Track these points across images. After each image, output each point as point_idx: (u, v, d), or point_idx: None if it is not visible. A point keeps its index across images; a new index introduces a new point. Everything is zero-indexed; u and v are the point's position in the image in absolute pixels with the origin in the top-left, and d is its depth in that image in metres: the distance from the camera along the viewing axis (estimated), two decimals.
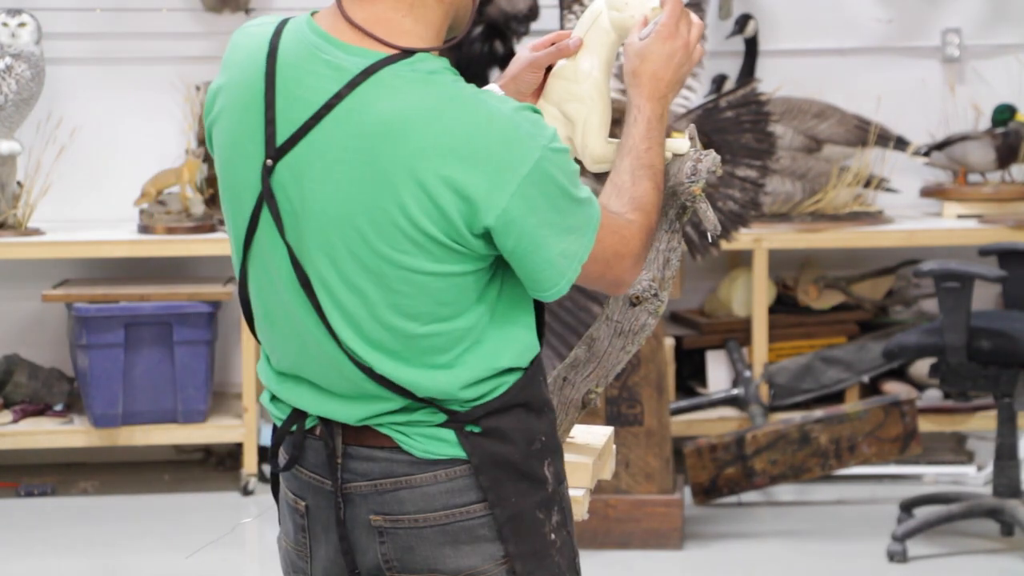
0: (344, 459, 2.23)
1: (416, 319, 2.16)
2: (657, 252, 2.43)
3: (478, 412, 2.19)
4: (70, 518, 5.22)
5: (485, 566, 2.21)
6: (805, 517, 5.16)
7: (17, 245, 5.36)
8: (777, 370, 5.57)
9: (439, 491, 2.20)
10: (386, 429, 2.21)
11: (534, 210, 2.12)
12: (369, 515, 2.22)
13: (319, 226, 2.16)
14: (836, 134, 5.71)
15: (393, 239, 2.12)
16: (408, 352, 2.18)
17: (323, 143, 2.15)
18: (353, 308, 2.17)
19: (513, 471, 2.20)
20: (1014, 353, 4.64)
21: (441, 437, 2.20)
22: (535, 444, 2.22)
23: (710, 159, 2.38)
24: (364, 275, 2.15)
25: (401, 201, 2.11)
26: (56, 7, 5.70)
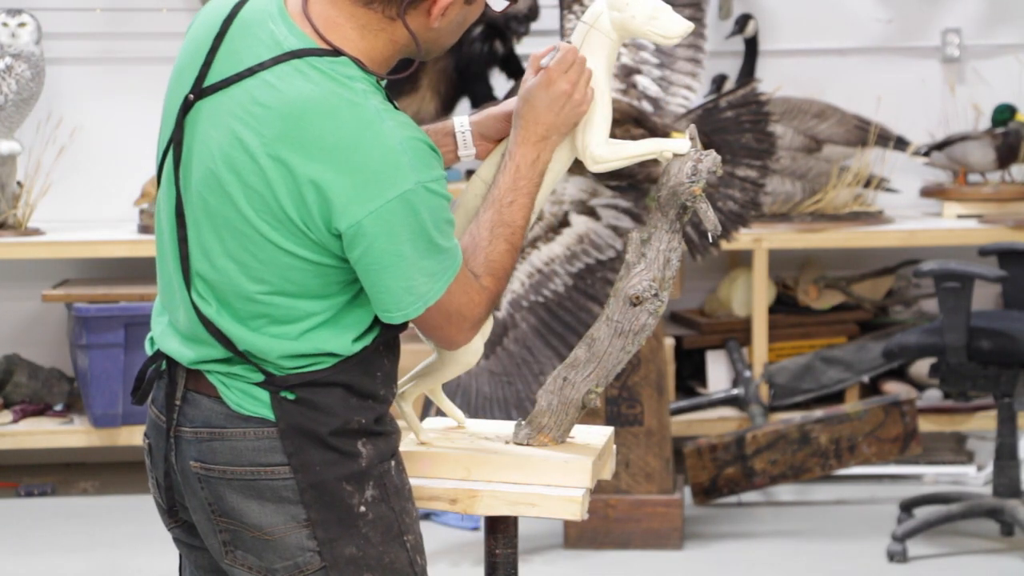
0: (182, 403, 2.34)
1: (260, 283, 2.27)
2: (657, 252, 2.43)
3: (293, 379, 2.28)
4: (70, 518, 5.22)
5: (287, 526, 2.29)
6: (805, 517, 5.16)
7: (17, 245, 5.36)
8: (777, 370, 5.57)
9: (246, 447, 2.29)
10: (212, 378, 2.32)
11: (389, 235, 2.20)
12: (190, 460, 2.33)
13: (202, 170, 2.28)
14: (836, 134, 5.71)
15: (258, 207, 2.23)
16: (244, 310, 2.28)
17: (233, 100, 2.27)
18: (209, 253, 2.28)
19: (318, 442, 2.28)
20: (1014, 353, 4.64)
21: (256, 395, 2.30)
22: (351, 424, 2.30)
23: (710, 159, 2.39)
24: (228, 228, 2.26)
25: (270, 178, 2.22)
26: (56, 7, 5.70)
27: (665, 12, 2.40)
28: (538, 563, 4.72)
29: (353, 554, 2.30)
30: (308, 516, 2.29)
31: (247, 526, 2.31)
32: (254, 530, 2.31)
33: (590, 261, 4.24)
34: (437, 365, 2.50)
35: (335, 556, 2.30)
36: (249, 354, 2.29)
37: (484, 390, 4.12)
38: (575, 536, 4.83)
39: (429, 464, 2.48)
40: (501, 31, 5.60)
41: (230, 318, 2.29)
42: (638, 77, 4.46)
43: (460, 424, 2.62)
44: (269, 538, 2.30)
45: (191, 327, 2.32)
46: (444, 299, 2.26)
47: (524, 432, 2.51)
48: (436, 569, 4.67)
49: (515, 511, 2.42)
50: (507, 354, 4.17)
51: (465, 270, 2.29)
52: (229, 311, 2.29)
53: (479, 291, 2.31)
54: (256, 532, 2.31)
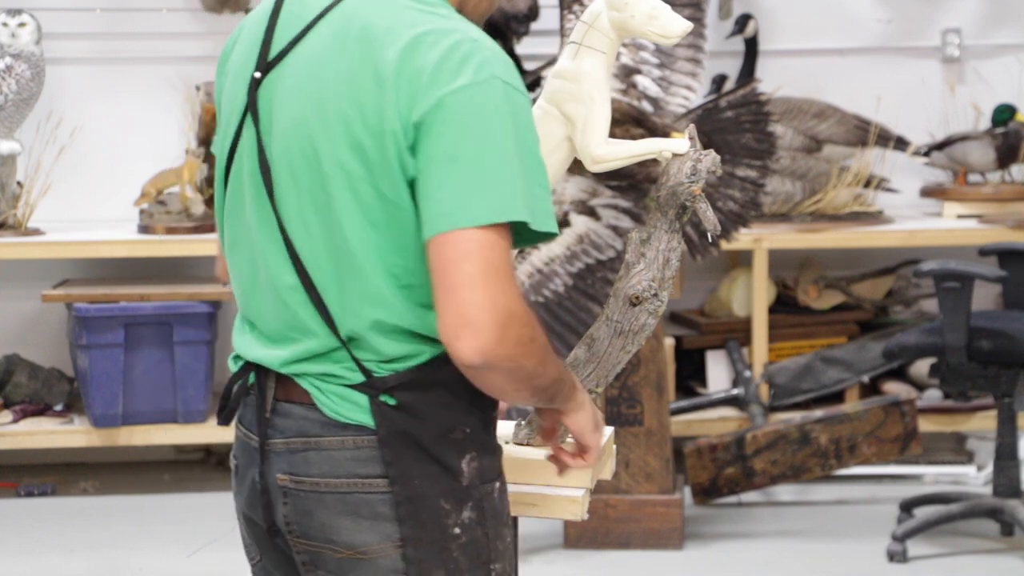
0: (272, 415, 2.18)
1: (348, 228, 2.09)
2: (657, 252, 2.43)
3: (394, 380, 2.12)
4: (70, 518, 5.22)
5: (380, 545, 2.15)
6: (805, 517, 5.16)
7: (17, 245, 5.36)
8: (777, 370, 5.57)
9: (345, 457, 2.14)
10: (305, 382, 2.15)
11: (463, 122, 2.05)
12: (277, 473, 2.18)
13: (283, 130, 2.14)
14: (836, 134, 5.71)
15: (339, 139, 2.09)
16: (340, 268, 2.11)
17: (306, 51, 2.14)
18: (308, 225, 2.12)
19: (421, 452, 2.13)
20: (1014, 353, 4.64)
21: (354, 400, 2.13)
22: (455, 433, 2.15)
23: (710, 159, 2.38)
24: (312, 177, 2.11)
25: (358, 100, 2.08)
26: (56, 7, 5.71)
27: (664, 12, 2.40)
28: (538, 563, 4.72)
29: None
30: (401, 533, 2.13)
31: (336, 545, 2.16)
32: (344, 549, 2.16)
33: (590, 261, 4.24)
34: None
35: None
36: (350, 341, 2.12)
37: None
38: (575, 536, 4.83)
39: None
40: (501, 31, 5.60)
41: (331, 295, 2.12)
42: (638, 77, 4.46)
43: None
44: (362, 557, 2.15)
45: (284, 320, 2.16)
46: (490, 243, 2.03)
47: (524, 432, 2.51)
48: None
49: (515, 511, 2.42)
50: None
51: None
52: (330, 287, 2.12)
53: (520, 307, 2.07)
54: (346, 551, 2.16)
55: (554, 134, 2.41)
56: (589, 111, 2.38)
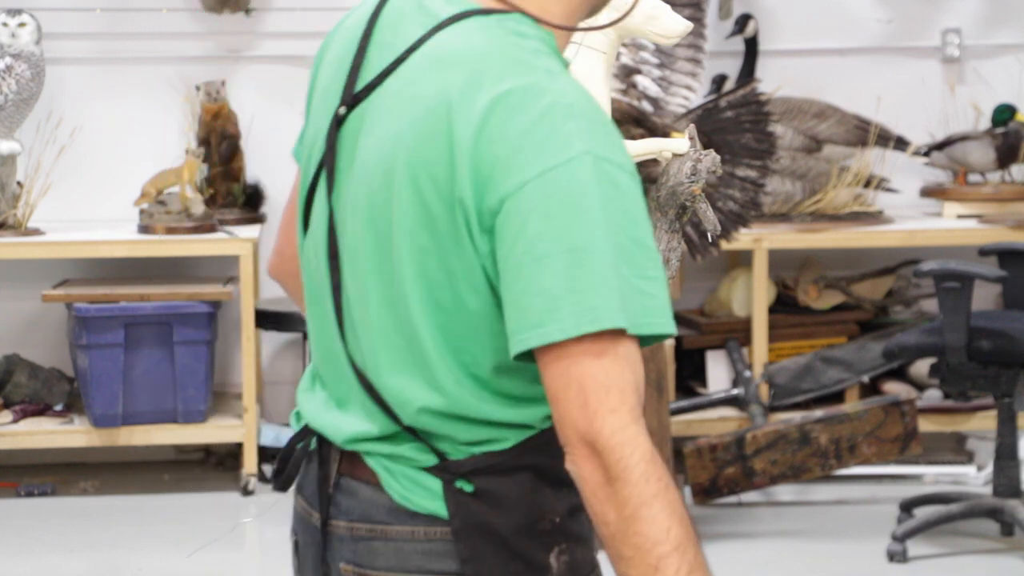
0: (335, 491, 1.92)
1: (414, 303, 1.82)
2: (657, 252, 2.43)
3: (472, 464, 1.85)
4: (70, 518, 5.22)
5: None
6: (805, 517, 5.15)
7: (17, 245, 5.36)
8: (777, 370, 5.57)
9: (415, 550, 1.87)
10: (373, 461, 1.89)
11: (546, 214, 1.72)
12: (340, 563, 1.92)
13: (357, 179, 1.86)
14: (836, 134, 5.71)
15: (408, 203, 1.80)
16: (400, 350, 1.84)
17: (392, 90, 1.85)
18: (366, 296, 1.85)
19: (502, 546, 1.85)
20: (1014, 353, 4.64)
21: (425, 485, 1.86)
22: (542, 523, 1.87)
23: (710, 159, 2.38)
24: (376, 237, 1.83)
25: (430, 162, 1.80)
26: (56, 7, 5.70)
27: (664, 12, 2.40)
28: None
29: None
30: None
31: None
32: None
33: None
34: None
35: None
36: (417, 431, 1.85)
37: None
38: None
39: None
40: None
41: (396, 371, 1.84)
42: (638, 77, 4.46)
43: None
44: None
45: (348, 394, 1.91)
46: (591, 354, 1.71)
47: None
48: None
49: None
50: None
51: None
52: (394, 371, 1.84)
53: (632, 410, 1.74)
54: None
55: None
56: None
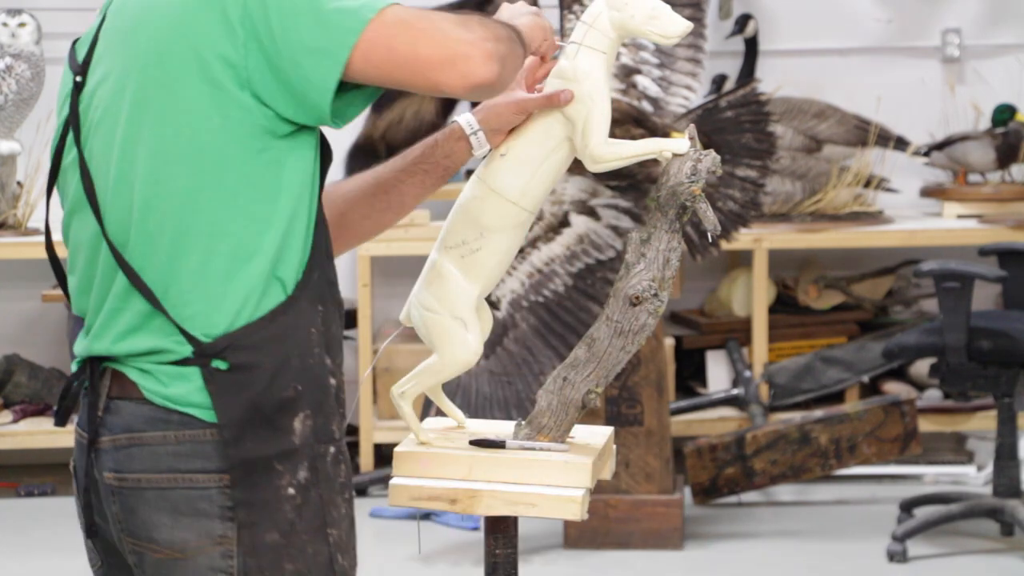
0: (104, 413, 2.19)
1: (167, 187, 2.09)
2: (657, 252, 2.43)
3: (223, 343, 2.10)
4: (70, 518, 5.21)
5: (198, 543, 2.12)
6: (805, 517, 5.16)
7: (17, 245, 5.36)
8: (777, 370, 5.57)
9: (167, 452, 2.12)
10: (133, 371, 2.14)
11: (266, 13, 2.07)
12: (104, 471, 2.18)
13: (103, 106, 2.15)
14: (836, 134, 5.71)
15: (155, 82, 2.10)
16: (158, 243, 2.11)
17: (103, 43, 2.17)
18: (116, 186, 2.13)
19: (254, 413, 2.10)
20: (1014, 353, 4.64)
21: (184, 376, 2.11)
22: (287, 391, 2.12)
23: (710, 159, 2.38)
24: (134, 129, 2.11)
25: (167, 48, 2.10)
26: (56, 7, 5.71)
27: (664, 12, 2.40)
28: (538, 563, 4.72)
29: (275, 540, 2.12)
30: (233, 501, 2.09)
31: (156, 544, 2.14)
32: (164, 548, 2.13)
33: (590, 261, 4.24)
34: (437, 366, 2.49)
35: (255, 542, 2.11)
36: (173, 310, 2.10)
37: (484, 390, 4.12)
38: (575, 536, 4.83)
39: (429, 464, 2.47)
40: None
41: (145, 261, 2.12)
42: (638, 77, 4.46)
43: (460, 424, 2.62)
44: (180, 556, 2.13)
45: (108, 299, 2.16)
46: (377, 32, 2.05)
47: (524, 432, 2.51)
48: (436, 569, 4.68)
49: (515, 511, 2.42)
50: (507, 354, 4.17)
51: (406, 8, 2.08)
52: (143, 251, 2.12)
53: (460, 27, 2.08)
54: (165, 551, 2.13)
55: (554, 134, 2.41)
56: (589, 111, 2.38)
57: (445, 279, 2.46)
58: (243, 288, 2.11)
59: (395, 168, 2.45)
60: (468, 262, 2.45)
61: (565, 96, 2.36)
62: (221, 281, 2.11)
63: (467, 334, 2.46)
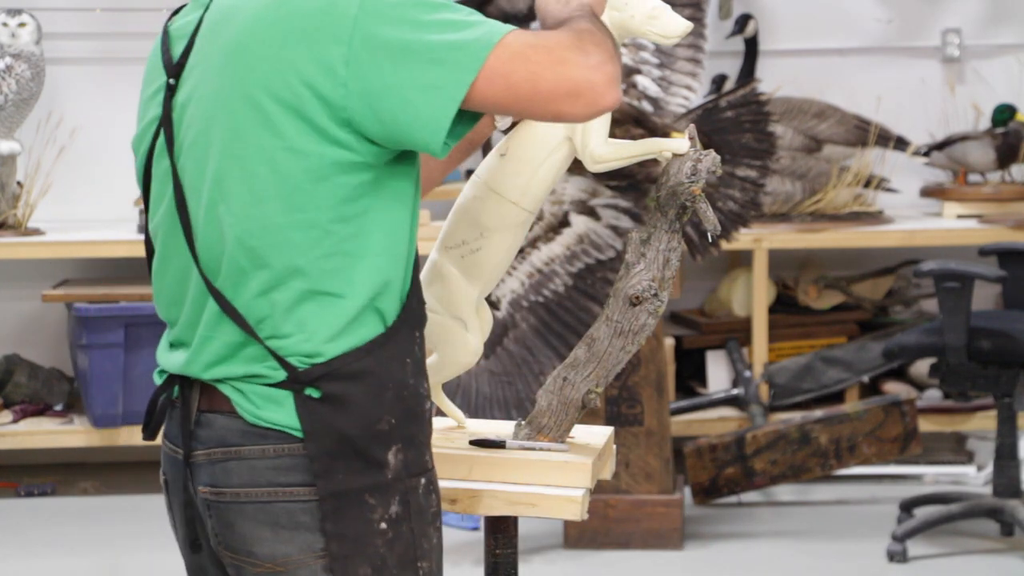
0: (196, 427, 2.15)
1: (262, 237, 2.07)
2: (657, 252, 2.43)
3: (318, 372, 2.08)
4: (70, 518, 5.22)
5: (300, 556, 2.11)
6: (805, 517, 5.16)
7: (17, 245, 5.36)
8: (777, 370, 5.57)
9: (266, 466, 2.10)
10: (226, 388, 2.12)
11: (376, 65, 2.03)
12: (200, 486, 2.16)
13: (196, 130, 2.12)
14: (836, 134, 5.71)
15: (249, 118, 2.07)
16: (256, 281, 2.09)
17: (199, 52, 2.15)
18: (215, 221, 2.10)
19: (345, 444, 2.09)
20: (1014, 353, 4.64)
21: (276, 399, 2.10)
22: (380, 424, 2.11)
23: (710, 159, 2.38)
24: (227, 163, 2.09)
25: (263, 83, 2.07)
26: (56, 7, 5.71)
27: (664, 12, 2.40)
28: (538, 563, 4.72)
29: (367, 574, 2.11)
30: (323, 530, 2.09)
31: (256, 558, 2.13)
32: (264, 562, 2.13)
33: (590, 261, 4.24)
34: (437, 366, 2.49)
35: (347, 573, 2.11)
36: (268, 339, 2.09)
37: (484, 390, 4.12)
38: (575, 536, 4.83)
39: None
40: None
41: (243, 293, 2.10)
42: (638, 77, 4.46)
43: (460, 424, 2.62)
44: (281, 570, 2.12)
45: (200, 325, 2.14)
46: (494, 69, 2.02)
47: (524, 432, 2.51)
48: None
49: (515, 511, 2.42)
50: (507, 354, 4.17)
51: (520, 37, 2.05)
52: (234, 283, 2.11)
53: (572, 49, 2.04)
54: (266, 564, 2.13)
55: (554, 134, 2.41)
56: None
57: (445, 279, 2.46)
58: (339, 320, 2.10)
59: None
60: (468, 262, 2.45)
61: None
62: (316, 314, 2.09)
63: (467, 334, 2.46)
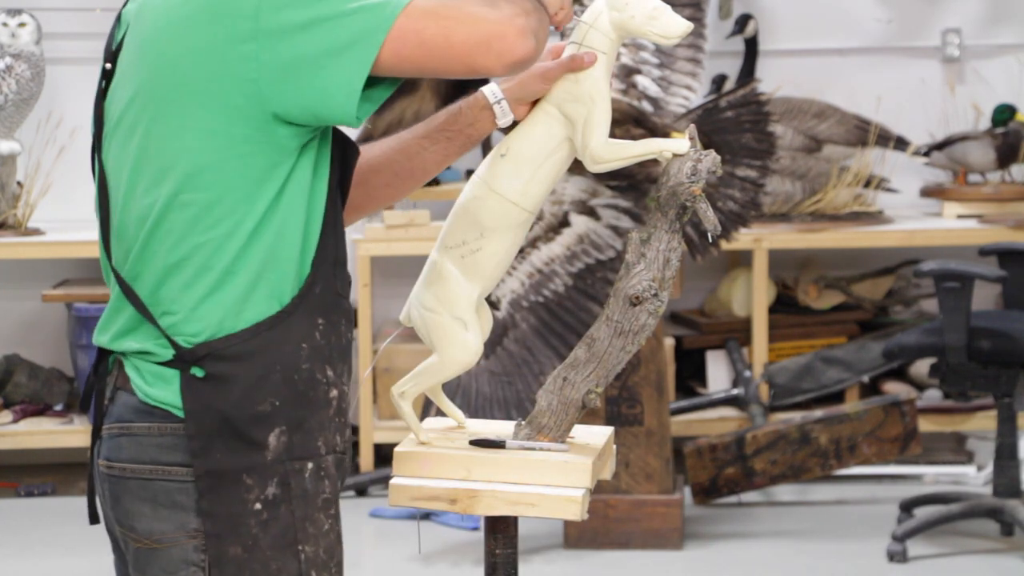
0: (110, 403, 2.21)
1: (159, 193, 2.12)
2: (657, 252, 2.43)
3: (202, 351, 2.12)
4: (70, 518, 5.22)
5: (174, 534, 2.15)
6: (805, 517, 5.16)
7: (17, 245, 5.36)
8: (777, 370, 5.57)
9: (151, 443, 2.15)
10: (128, 365, 2.17)
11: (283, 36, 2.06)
12: (100, 459, 2.22)
13: (120, 105, 2.17)
14: (836, 134, 5.71)
15: (163, 97, 2.12)
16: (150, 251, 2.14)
17: (132, 33, 2.19)
18: (133, 184, 2.15)
19: (225, 424, 2.12)
20: (1014, 353, 4.64)
21: (165, 378, 2.14)
22: (262, 405, 2.14)
23: (710, 159, 2.38)
24: (143, 142, 2.14)
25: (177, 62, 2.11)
26: (56, 7, 5.71)
27: (665, 12, 2.40)
28: (538, 563, 4.72)
29: (237, 554, 2.14)
30: (199, 508, 2.12)
31: (136, 533, 2.17)
32: (142, 538, 2.17)
33: (590, 261, 4.24)
34: (437, 366, 2.49)
35: (219, 553, 2.13)
36: (157, 314, 2.14)
37: (484, 390, 4.12)
38: (575, 536, 4.83)
39: (429, 464, 2.47)
40: None
41: (140, 268, 2.16)
42: (638, 77, 4.46)
43: (460, 424, 2.62)
44: (156, 547, 2.16)
45: (111, 300, 2.21)
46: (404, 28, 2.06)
47: (524, 432, 2.51)
48: (436, 569, 4.68)
49: (515, 511, 2.42)
50: (507, 354, 4.17)
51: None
52: (138, 260, 2.16)
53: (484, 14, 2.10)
54: (144, 541, 2.17)
55: (555, 134, 2.41)
56: (590, 112, 2.38)
57: (445, 279, 2.46)
58: (228, 300, 2.13)
59: (418, 135, 2.45)
60: (468, 262, 2.45)
61: (589, 58, 2.35)
62: (208, 292, 2.13)
63: (467, 334, 2.46)
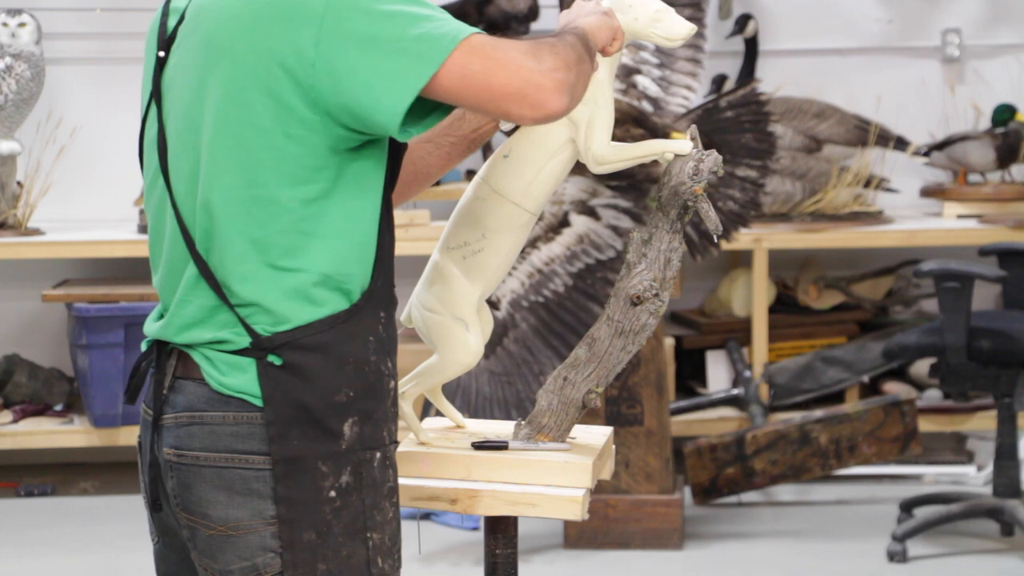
0: (169, 392, 2.24)
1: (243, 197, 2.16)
2: (658, 252, 2.43)
3: (280, 339, 2.17)
4: (70, 518, 5.22)
5: (250, 521, 2.20)
6: (805, 517, 5.16)
7: (17, 245, 5.36)
8: (777, 370, 5.57)
9: (225, 432, 2.19)
10: (197, 354, 2.21)
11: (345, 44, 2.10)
12: (165, 447, 2.24)
13: (182, 104, 2.21)
14: (836, 134, 5.71)
15: (224, 93, 2.16)
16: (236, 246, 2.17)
17: (190, 22, 2.23)
18: (198, 186, 2.19)
19: (302, 412, 2.18)
20: (1014, 353, 4.64)
21: (241, 367, 2.19)
22: (338, 396, 2.19)
23: (712, 159, 2.39)
24: (205, 134, 2.18)
25: (239, 60, 2.15)
26: (56, 7, 5.71)
27: (668, 14, 2.40)
28: (538, 563, 4.72)
29: (311, 540, 2.19)
30: (275, 494, 2.17)
31: (210, 520, 2.21)
32: (217, 525, 2.20)
33: (590, 261, 4.24)
34: (437, 366, 2.50)
35: (293, 539, 2.18)
36: (237, 306, 2.18)
37: (484, 390, 4.12)
38: (575, 536, 4.83)
39: (429, 464, 2.48)
40: (501, 31, 5.60)
41: (211, 256, 2.20)
42: (638, 77, 4.46)
43: (459, 425, 2.62)
44: (232, 534, 2.20)
45: (178, 289, 2.23)
46: (456, 61, 2.10)
47: (524, 432, 2.51)
48: (436, 569, 4.68)
49: (515, 511, 2.42)
50: (507, 354, 4.17)
51: (485, 38, 2.13)
52: (207, 247, 2.20)
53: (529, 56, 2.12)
54: (218, 527, 2.20)
55: (557, 136, 2.42)
56: (592, 113, 2.38)
57: (447, 280, 2.46)
58: (303, 293, 2.18)
59: (421, 139, 2.48)
60: (470, 263, 2.45)
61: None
62: (283, 284, 2.17)
63: (468, 335, 2.46)
